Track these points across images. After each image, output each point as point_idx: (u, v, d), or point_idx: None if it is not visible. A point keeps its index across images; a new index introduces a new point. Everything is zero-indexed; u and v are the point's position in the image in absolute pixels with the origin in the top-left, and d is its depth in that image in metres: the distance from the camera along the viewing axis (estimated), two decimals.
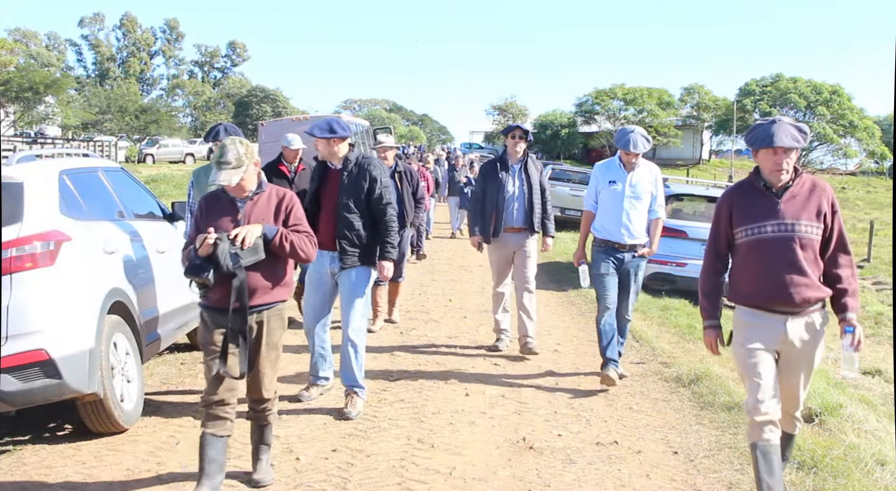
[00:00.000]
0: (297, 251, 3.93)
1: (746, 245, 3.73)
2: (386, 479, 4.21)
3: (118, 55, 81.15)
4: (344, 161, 5.23)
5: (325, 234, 5.15)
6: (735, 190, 3.86)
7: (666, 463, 4.56)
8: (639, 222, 6.03)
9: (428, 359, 6.83)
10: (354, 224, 5.17)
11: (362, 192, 5.18)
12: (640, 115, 53.66)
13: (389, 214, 5.22)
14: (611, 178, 6.04)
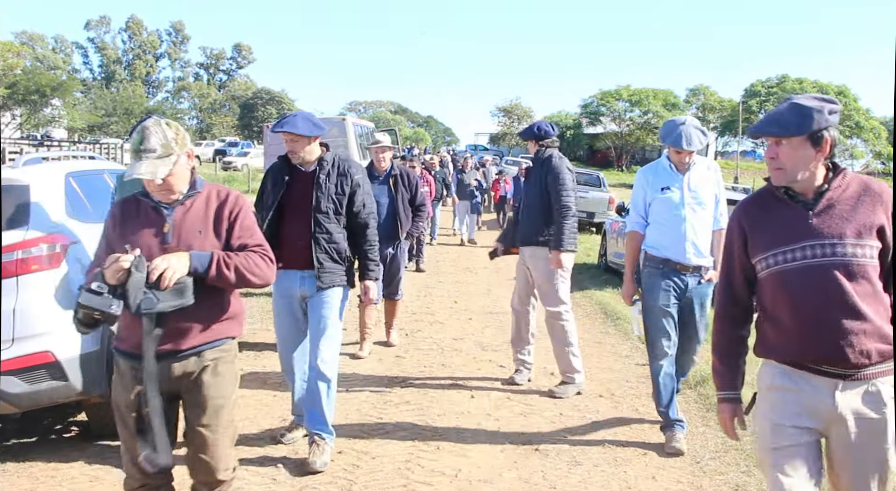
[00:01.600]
0: (246, 277, 2.90)
1: (771, 280, 2.58)
2: (391, 480, 4.21)
3: (124, 58, 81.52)
4: (319, 162, 4.41)
5: (294, 250, 4.33)
6: (749, 202, 2.72)
7: (672, 465, 4.55)
8: (705, 236, 4.81)
9: (433, 361, 6.83)
10: (335, 236, 4.38)
11: (343, 199, 4.41)
12: (645, 116, 53.64)
13: (372, 226, 4.54)
14: (663, 185, 4.79)
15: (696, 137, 4.67)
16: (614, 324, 8.67)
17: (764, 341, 2.67)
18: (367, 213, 4.52)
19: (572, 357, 5.87)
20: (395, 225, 6.94)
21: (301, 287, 4.40)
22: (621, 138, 54.59)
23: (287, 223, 4.39)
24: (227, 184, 29.91)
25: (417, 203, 7.21)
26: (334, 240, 4.39)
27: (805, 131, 2.46)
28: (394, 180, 7.00)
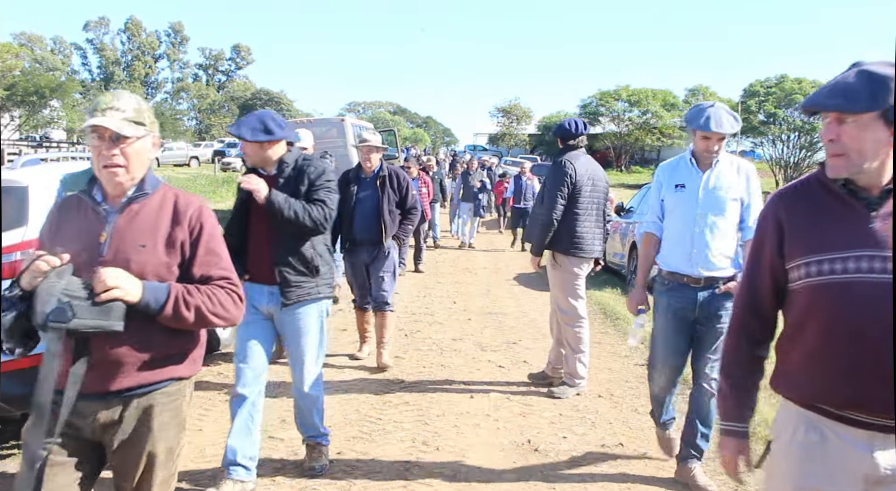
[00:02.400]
0: (208, 319, 2.33)
1: (808, 293, 2.03)
2: (391, 481, 4.20)
3: (123, 59, 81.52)
4: (279, 165, 3.99)
5: (258, 263, 3.99)
6: (791, 193, 2.16)
7: (671, 465, 4.54)
8: (720, 245, 4.06)
9: (432, 361, 6.83)
10: (298, 246, 3.96)
11: None
12: (644, 116, 53.66)
13: (317, 210, 3.96)
14: (678, 181, 4.17)
15: (727, 120, 4.01)
16: (613, 324, 8.66)
17: (785, 372, 2.13)
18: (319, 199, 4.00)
19: (579, 364, 5.88)
20: (378, 229, 6.37)
21: (269, 304, 4.02)
22: (620, 138, 54.60)
23: (252, 234, 4.02)
24: (227, 185, 29.80)
25: (408, 206, 6.57)
26: (298, 250, 3.95)
27: (879, 106, 1.87)
28: (381, 182, 6.44)
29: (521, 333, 8.11)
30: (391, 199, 6.44)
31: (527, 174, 17.02)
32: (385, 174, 6.47)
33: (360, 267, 6.55)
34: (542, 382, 6.10)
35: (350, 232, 6.42)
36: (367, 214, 6.37)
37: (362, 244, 6.43)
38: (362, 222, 6.36)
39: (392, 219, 6.44)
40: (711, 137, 4.03)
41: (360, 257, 6.48)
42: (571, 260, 5.82)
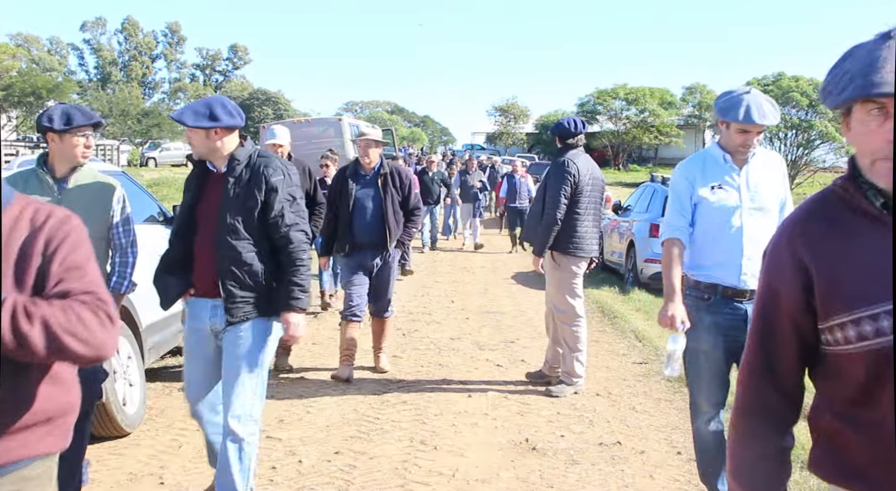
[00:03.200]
0: (63, 342, 1.61)
1: (871, 360, 1.44)
2: (389, 481, 4.20)
3: (120, 59, 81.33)
4: (229, 161, 3.46)
5: (202, 274, 3.52)
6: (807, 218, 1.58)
7: (669, 463, 4.55)
8: None
9: (430, 360, 6.83)
10: (244, 256, 3.41)
11: (255, 208, 3.42)
12: (641, 115, 53.67)
13: (296, 242, 3.47)
14: (713, 182, 3.59)
15: (769, 109, 3.45)
16: (611, 322, 8.67)
17: (837, 456, 1.58)
18: (288, 225, 3.46)
19: (576, 363, 5.88)
20: (383, 232, 5.97)
21: (212, 319, 3.52)
22: (618, 137, 54.58)
23: (198, 241, 3.52)
24: None
25: (411, 206, 6.17)
26: (244, 261, 3.41)
27: None
28: (383, 180, 5.99)
29: (519, 331, 8.11)
30: (395, 200, 6.01)
31: (519, 173, 16.25)
32: (387, 172, 6.03)
33: (361, 272, 6.08)
34: (539, 380, 6.10)
35: (349, 234, 5.99)
36: (368, 215, 5.97)
37: (364, 248, 6.02)
38: (364, 224, 5.97)
39: (397, 221, 6.02)
40: (751, 131, 3.50)
41: (363, 262, 6.05)
42: (570, 259, 5.83)
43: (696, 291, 3.61)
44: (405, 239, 6.25)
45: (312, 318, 8.26)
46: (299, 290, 3.45)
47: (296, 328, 3.49)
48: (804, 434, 1.79)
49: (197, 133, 3.42)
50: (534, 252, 6.03)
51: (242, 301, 3.44)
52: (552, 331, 6.11)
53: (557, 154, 5.97)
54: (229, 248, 3.40)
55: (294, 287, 3.45)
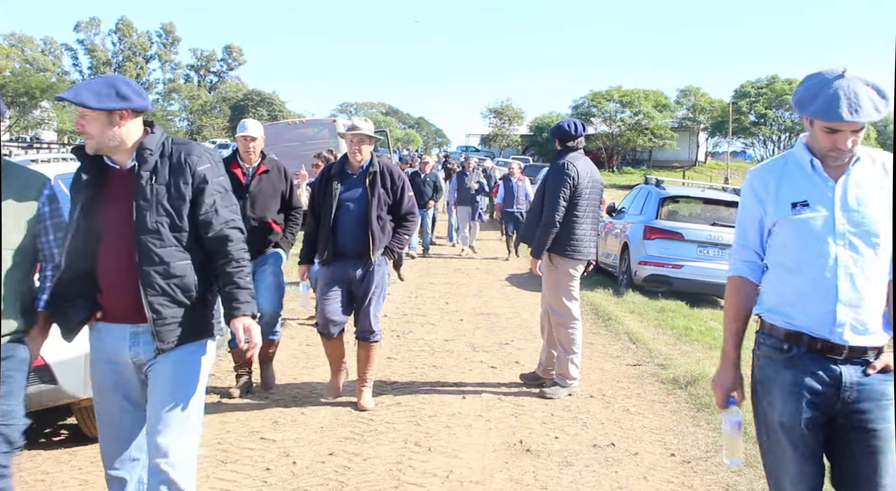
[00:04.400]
0: None
1: None
2: (383, 482, 4.20)
3: (114, 60, 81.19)
4: (138, 153, 2.82)
5: (115, 293, 2.84)
6: None
7: (663, 465, 4.56)
8: (872, 295, 2.55)
9: (424, 362, 6.83)
10: (174, 265, 2.81)
11: (183, 205, 2.83)
12: (636, 117, 53.80)
13: (235, 240, 2.93)
14: (797, 198, 2.62)
15: (868, 101, 2.42)
16: (605, 324, 8.68)
17: None
18: (224, 221, 2.90)
19: (571, 365, 5.89)
20: (365, 239, 5.21)
21: (132, 350, 2.86)
22: (612, 139, 54.71)
23: (103, 255, 2.82)
24: None
25: (403, 211, 5.40)
26: (175, 272, 2.81)
27: None
28: (370, 179, 5.25)
29: (513, 333, 8.12)
30: (381, 202, 5.27)
31: (516, 175, 15.22)
32: (375, 170, 5.28)
33: (340, 284, 5.32)
34: (533, 382, 6.10)
35: (331, 241, 5.25)
36: (352, 220, 5.22)
37: (347, 256, 5.28)
38: (347, 229, 5.23)
39: (381, 226, 5.27)
40: (843, 130, 2.48)
41: (344, 272, 5.30)
42: (568, 262, 5.85)
43: (773, 338, 2.72)
44: (395, 247, 5.40)
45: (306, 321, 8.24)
46: (246, 293, 2.91)
47: (252, 334, 2.90)
48: None
49: (97, 119, 2.76)
50: (532, 254, 6.03)
51: (175, 322, 2.84)
52: (547, 333, 6.12)
53: (557, 156, 5.98)
54: (154, 257, 2.78)
55: (239, 291, 2.90)
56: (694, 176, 45.92)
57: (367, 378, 5.51)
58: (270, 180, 5.60)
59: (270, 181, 5.60)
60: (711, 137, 57.20)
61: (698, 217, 11.48)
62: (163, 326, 2.82)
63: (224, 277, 2.92)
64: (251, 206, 5.46)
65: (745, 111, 46.02)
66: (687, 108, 56.68)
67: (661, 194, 11.63)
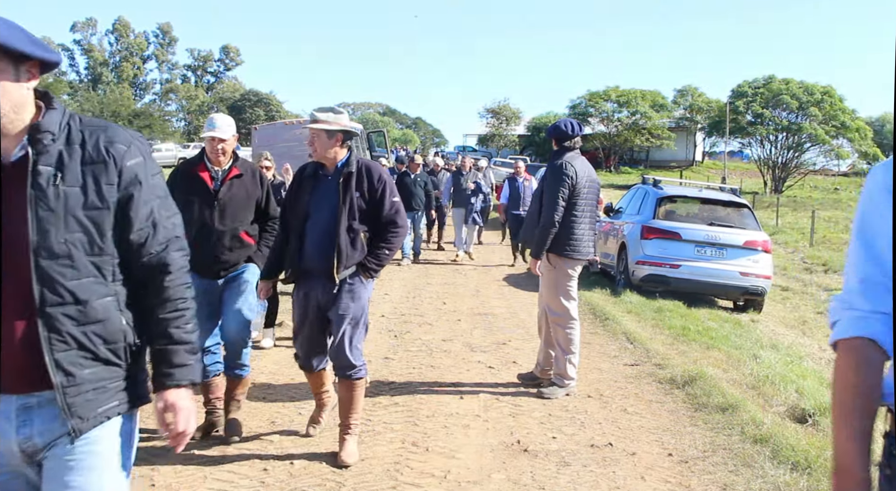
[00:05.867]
0: None
1: None
2: (380, 482, 4.20)
3: (111, 60, 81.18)
4: (31, 137, 1.91)
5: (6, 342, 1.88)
6: None
7: (660, 465, 4.57)
8: None
9: (422, 362, 6.82)
10: (92, 303, 1.96)
11: (104, 216, 1.97)
12: (633, 117, 53.82)
13: (176, 268, 2.10)
14: None
15: None
16: (602, 324, 8.69)
17: None
18: (163, 242, 2.07)
19: (569, 365, 5.90)
20: (330, 253, 4.26)
21: (22, 432, 1.93)
22: (610, 139, 54.73)
23: None
24: None
25: (385, 218, 4.36)
26: (93, 314, 1.95)
27: None
28: (343, 181, 4.30)
29: (511, 333, 8.12)
30: (355, 208, 4.29)
31: (523, 175, 14.19)
32: (351, 170, 4.32)
33: (310, 309, 4.42)
34: (531, 382, 6.11)
35: (298, 256, 4.39)
36: (320, 230, 4.32)
37: (315, 275, 4.36)
38: (315, 242, 4.33)
39: (351, 239, 4.29)
40: None
41: (313, 294, 4.39)
42: (566, 262, 5.86)
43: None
44: (372, 265, 4.37)
45: None
46: (183, 351, 2.07)
47: (182, 417, 2.04)
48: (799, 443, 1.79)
49: None
50: (531, 254, 6.03)
51: (96, 388, 1.97)
52: (544, 333, 6.12)
53: (554, 156, 5.98)
54: (63, 293, 1.90)
55: (174, 349, 2.06)
56: (691, 176, 45.96)
57: (350, 424, 4.50)
58: (243, 186, 4.70)
59: (243, 187, 4.69)
60: (708, 137, 57.19)
61: (696, 217, 11.50)
62: (77, 394, 1.93)
63: (156, 326, 2.06)
64: (220, 215, 4.59)
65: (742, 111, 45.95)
66: (684, 107, 56.71)
67: (658, 194, 11.64)
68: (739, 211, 11.60)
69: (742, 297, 11.38)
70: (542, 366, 6.12)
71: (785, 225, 26.19)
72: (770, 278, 11.32)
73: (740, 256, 10.90)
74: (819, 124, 44.41)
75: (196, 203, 4.53)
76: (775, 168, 45.45)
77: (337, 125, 4.30)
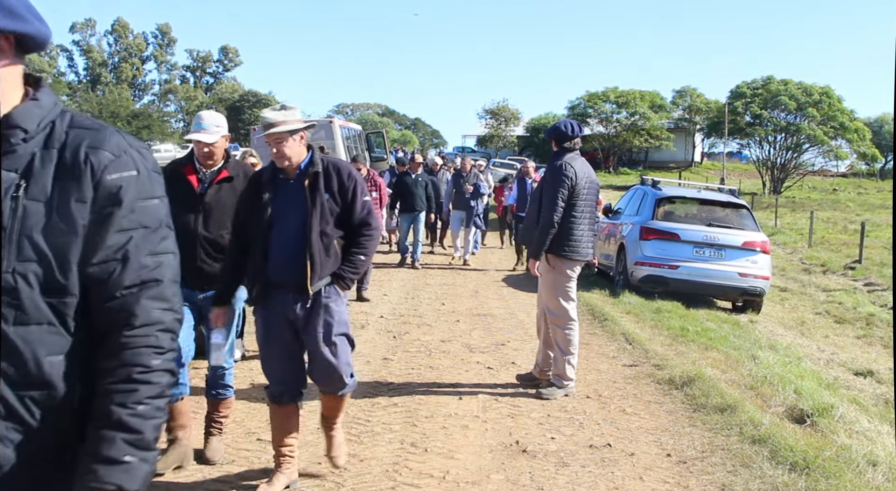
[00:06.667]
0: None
1: None
2: (379, 483, 4.20)
3: (110, 61, 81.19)
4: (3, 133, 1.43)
5: None
6: None
7: (659, 465, 4.57)
8: None
9: (421, 363, 6.83)
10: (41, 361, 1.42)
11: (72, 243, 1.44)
12: (632, 118, 53.87)
13: (150, 328, 1.51)
14: None
15: None
16: (601, 325, 8.69)
17: None
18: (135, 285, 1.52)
19: (567, 365, 5.90)
20: (302, 262, 3.76)
21: None
22: (608, 140, 54.78)
23: None
24: None
25: (356, 220, 3.87)
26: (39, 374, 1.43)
27: None
28: (310, 183, 3.80)
29: (510, 334, 8.12)
30: (326, 211, 3.81)
31: (532, 176, 13.29)
32: (318, 170, 3.83)
33: (280, 328, 3.89)
34: (530, 383, 6.11)
35: (261, 269, 3.84)
36: (288, 239, 3.81)
37: (283, 289, 3.83)
38: (285, 252, 3.81)
39: (325, 245, 3.81)
40: None
41: (282, 311, 3.85)
42: (566, 263, 5.86)
43: None
44: (347, 273, 3.88)
45: None
46: (126, 441, 1.46)
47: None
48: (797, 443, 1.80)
49: None
50: (531, 255, 6.03)
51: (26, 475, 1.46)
52: (543, 333, 6.13)
53: (554, 157, 5.98)
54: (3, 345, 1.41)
55: (113, 433, 1.46)
56: (690, 177, 45.99)
57: (334, 425, 4.20)
58: (233, 190, 4.24)
59: (232, 191, 4.23)
60: (707, 138, 57.28)
61: (694, 218, 11.51)
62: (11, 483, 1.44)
63: (98, 399, 1.49)
64: (204, 221, 4.19)
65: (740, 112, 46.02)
66: (683, 108, 56.78)
67: (657, 195, 11.65)
68: (738, 212, 11.61)
69: (741, 297, 11.39)
70: (541, 366, 6.12)
71: (784, 226, 26.21)
72: (769, 279, 11.33)
73: (739, 256, 10.91)
74: (817, 125, 44.46)
75: (180, 207, 3.78)
76: (774, 169, 45.49)
77: (296, 122, 3.79)
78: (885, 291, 14.76)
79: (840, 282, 15.99)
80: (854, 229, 22.48)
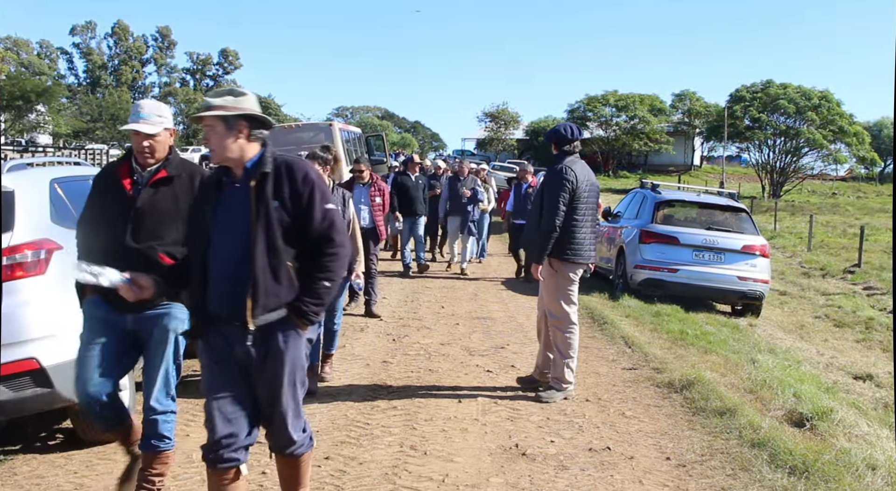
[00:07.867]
0: None
1: None
2: (378, 486, 4.20)
3: (110, 63, 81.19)
4: None
5: None
6: None
7: (658, 469, 4.57)
8: None
9: (420, 366, 6.83)
10: None
11: None
12: (631, 121, 53.93)
13: None
14: None
15: None
16: (601, 328, 8.69)
17: None
18: None
19: (567, 369, 5.90)
20: (242, 288, 2.98)
21: None
22: (608, 143, 54.84)
23: None
24: None
25: (316, 231, 3.06)
26: None
27: None
28: (258, 186, 3.04)
29: (509, 337, 8.12)
30: (273, 222, 3.02)
31: (529, 180, 12.78)
32: (266, 171, 3.07)
33: (228, 370, 3.13)
34: (529, 386, 6.11)
35: (201, 298, 3.11)
36: (229, 258, 3.05)
37: (225, 323, 3.08)
38: (222, 275, 3.06)
39: (273, 266, 3.02)
40: None
41: (229, 349, 3.10)
42: (568, 266, 5.86)
43: None
44: (309, 307, 3.06)
45: None
46: None
47: None
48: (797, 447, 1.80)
49: None
50: (532, 259, 6.02)
51: None
52: (543, 336, 6.13)
53: (554, 160, 5.98)
54: None
55: None
56: (689, 180, 46.00)
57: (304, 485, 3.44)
58: (172, 193, 3.59)
59: (172, 194, 3.59)
60: (707, 142, 57.32)
61: (694, 221, 11.52)
62: None
63: None
64: (133, 230, 3.51)
65: (740, 115, 46.07)
66: (682, 112, 56.89)
67: (656, 198, 11.66)
68: (737, 215, 11.62)
69: (740, 301, 11.39)
70: (542, 369, 6.12)
71: (783, 229, 26.22)
72: (768, 282, 11.34)
73: (738, 260, 10.92)
74: (817, 129, 44.50)
75: (108, 213, 3.51)
76: (773, 172, 45.53)
77: (236, 110, 3.05)
78: (884, 294, 14.77)
79: (839, 285, 16.00)
80: (853, 233, 22.49)
